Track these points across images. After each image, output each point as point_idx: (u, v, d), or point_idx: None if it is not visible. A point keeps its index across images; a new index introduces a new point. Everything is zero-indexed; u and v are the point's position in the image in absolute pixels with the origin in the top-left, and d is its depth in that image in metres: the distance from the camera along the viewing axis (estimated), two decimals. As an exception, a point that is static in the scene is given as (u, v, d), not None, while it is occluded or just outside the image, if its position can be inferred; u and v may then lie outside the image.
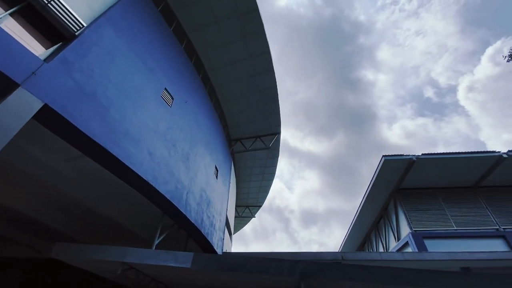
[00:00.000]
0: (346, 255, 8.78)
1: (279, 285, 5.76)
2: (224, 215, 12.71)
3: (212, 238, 9.86)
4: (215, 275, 5.60)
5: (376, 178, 12.72)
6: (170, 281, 7.15)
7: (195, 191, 8.70)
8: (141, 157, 6.17)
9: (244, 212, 22.84)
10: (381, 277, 4.77)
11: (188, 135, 8.92)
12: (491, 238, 11.27)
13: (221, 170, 12.25)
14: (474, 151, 11.60)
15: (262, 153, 16.29)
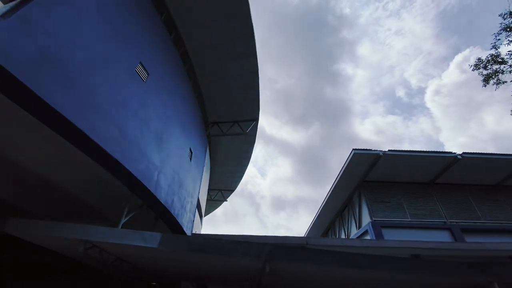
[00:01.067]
0: (310, 240, 9.26)
1: (246, 266, 5.95)
2: (196, 197, 12.66)
3: (182, 219, 9.82)
4: (183, 255, 5.63)
5: (345, 170, 13.36)
6: (136, 260, 7.06)
7: (167, 172, 8.51)
8: (110, 133, 5.84)
9: (216, 196, 22.94)
10: (340, 261, 5.12)
11: (163, 114, 8.58)
12: (439, 230, 12.53)
13: (195, 152, 12.05)
14: (434, 151, 12.59)
15: (239, 138, 16.25)
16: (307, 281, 7.25)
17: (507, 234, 12.53)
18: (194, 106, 12.27)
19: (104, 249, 6.13)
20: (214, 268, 6.70)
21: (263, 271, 5.40)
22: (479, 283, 5.34)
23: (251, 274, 6.60)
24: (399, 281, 6.12)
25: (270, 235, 9.35)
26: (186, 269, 7.26)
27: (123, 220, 7.47)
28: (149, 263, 7.21)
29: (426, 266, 5.55)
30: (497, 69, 10.20)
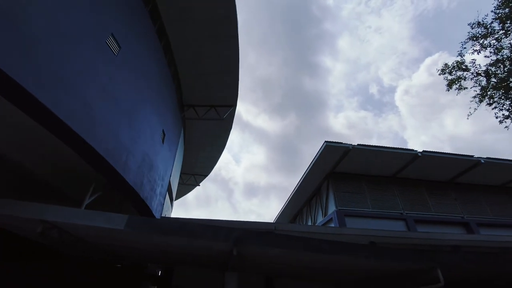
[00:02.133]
0: (279, 226, 9.61)
1: (214, 249, 6.05)
2: (167, 181, 12.41)
3: (151, 202, 9.62)
4: (151, 238, 5.56)
5: (316, 161, 13.88)
6: (100, 242, 6.84)
7: (136, 153, 8.19)
8: (74, 108, 5.43)
9: (189, 180, 22.68)
10: (304, 245, 5.41)
11: (134, 92, 8.14)
12: (396, 220, 13.67)
13: (168, 134, 11.69)
14: (398, 148, 13.50)
15: (215, 123, 16.01)
16: (274, 263, 7.58)
17: (453, 226, 14.04)
18: (169, 86, 11.78)
19: (65, 230, 5.84)
20: (182, 251, 6.73)
21: (230, 254, 5.54)
22: (426, 268, 5.99)
23: (219, 257, 6.74)
24: (357, 265, 6.64)
25: (239, 220, 9.53)
26: (153, 251, 7.20)
27: (87, 201, 7.14)
28: (114, 245, 7.03)
29: (381, 252, 6.07)
30: (460, 76, 11.05)
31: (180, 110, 14.44)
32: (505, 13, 9.36)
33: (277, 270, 9.37)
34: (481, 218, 14.55)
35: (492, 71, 10.35)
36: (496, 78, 10.30)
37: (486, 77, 10.49)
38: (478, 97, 10.66)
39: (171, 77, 11.98)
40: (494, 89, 10.26)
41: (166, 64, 11.21)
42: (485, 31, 10.03)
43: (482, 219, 14.54)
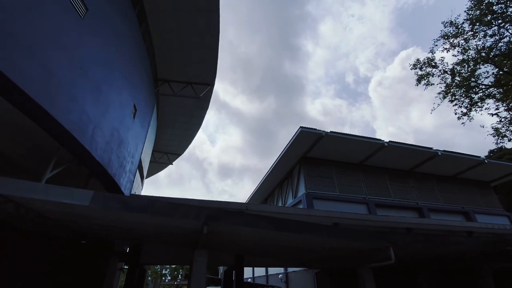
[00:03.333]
0: (250, 206, 9.88)
1: (184, 228, 6.10)
2: (137, 158, 11.99)
3: (120, 179, 9.29)
4: (119, 215, 5.44)
5: (290, 145, 14.21)
6: (62, 218, 6.55)
7: (104, 128, 7.75)
8: (34, 74, 4.92)
9: (161, 158, 22.10)
10: (273, 225, 5.66)
11: (103, 60, 7.54)
12: (359, 204, 14.69)
13: (140, 110, 11.14)
14: (367, 137, 14.23)
15: (191, 101, 15.51)
16: (244, 242, 7.86)
17: (408, 210, 15.45)
18: (143, 58, 11.06)
19: (22, 204, 5.49)
20: (151, 228, 6.70)
21: (200, 232, 5.63)
22: (381, 247, 6.61)
23: (189, 235, 6.83)
24: (321, 243, 7.13)
25: (211, 200, 9.62)
26: (121, 228, 7.08)
27: (47, 175, 6.71)
28: (78, 221, 6.79)
29: (343, 232, 6.56)
30: (429, 72, 11.68)
31: (154, 85, 13.73)
32: (475, 15, 9.90)
33: (247, 248, 9.76)
34: (433, 204, 16.16)
35: (457, 70, 11.08)
36: (460, 77, 11.07)
37: (451, 75, 11.22)
38: (442, 93, 11.42)
39: (145, 48, 11.22)
40: (457, 87, 11.06)
41: (140, 34, 10.43)
42: (456, 30, 10.58)
43: (434, 205, 16.16)
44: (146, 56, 11.39)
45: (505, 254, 7.72)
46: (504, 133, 10.63)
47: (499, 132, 10.69)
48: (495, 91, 10.49)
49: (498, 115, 10.63)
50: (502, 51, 9.95)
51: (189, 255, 8.88)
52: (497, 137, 10.81)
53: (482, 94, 10.79)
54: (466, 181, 18.22)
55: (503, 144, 11.35)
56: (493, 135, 10.88)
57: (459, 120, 11.13)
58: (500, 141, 10.92)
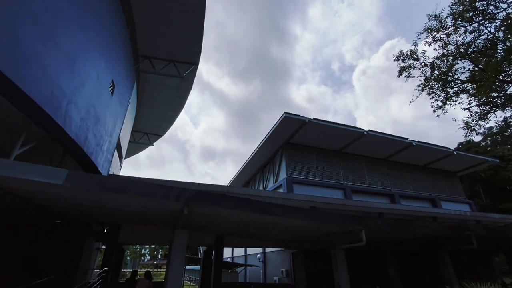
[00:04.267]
0: (231, 189, 9.96)
1: (164, 208, 6.07)
2: (115, 137, 11.55)
3: (96, 158, 8.95)
4: (96, 195, 5.28)
5: (274, 130, 14.29)
6: (34, 197, 6.26)
7: (79, 103, 7.31)
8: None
9: (141, 139, 21.45)
10: (253, 207, 5.77)
11: (78, 30, 6.98)
12: (337, 189, 15.29)
13: (119, 86, 10.59)
14: (348, 125, 14.59)
15: (174, 81, 14.94)
16: (224, 222, 7.99)
17: (382, 196, 16.33)
18: (122, 31, 10.37)
19: (-12, 182, 5.15)
20: (130, 208, 6.60)
21: (181, 213, 5.64)
22: (354, 230, 6.99)
23: (169, 216, 6.82)
24: (298, 226, 7.41)
25: (193, 182, 9.57)
26: (98, 208, 6.91)
27: (16, 152, 6.31)
28: (50, 200, 6.52)
29: (319, 216, 6.84)
30: (411, 64, 11.97)
31: (134, 61, 13.02)
32: (458, 10, 10.14)
33: (227, 229, 9.95)
34: (404, 191, 17.19)
35: (437, 64, 11.45)
36: (439, 71, 11.47)
37: (431, 69, 11.59)
38: (421, 86, 11.82)
39: (124, 20, 10.49)
40: (435, 81, 11.48)
41: (118, 4, 9.70)
42: (439, 24, 10.82)
43: (405, 192, 17.19)
44: (125, 29, 10.69)
45: (464, 238, 8.47)
46: (473, 127, 11.30)
47: (469, 125, 11.36)
48: (469, 87, 11.02)
49: (469, 109, 11.24)
50: (479, 48, 10.37)
51: (169, 235, 8.92)
52: (466, 131, 11.49)
53: (457, 89, 11.30)
54: (435, 171, 19.44)
55: (472, 137, 12.11)
56: (463, 129, 11.55)
57: (434, 112, 11.65)
58: (469, 135, 11.63)
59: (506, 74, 10.05)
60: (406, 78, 11.98)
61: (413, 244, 10.72)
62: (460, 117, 67.03)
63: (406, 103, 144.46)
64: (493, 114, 10.90)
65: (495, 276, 15.99)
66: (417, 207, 13.94)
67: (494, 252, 16.67)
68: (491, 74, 9.45)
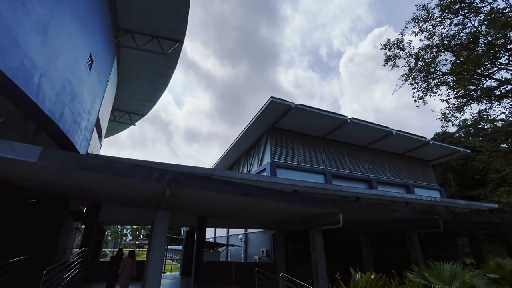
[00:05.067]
0: (215, 171, 9.98)
1: (146, 189, 6.00)
2: (94, 115, 11.05)
3: (74, 136, 8.56)
4: (74, 174, 5.10)
5: (260, 115, 14.23)
6: (5, 174, 5.95)
7: (54, 77, 6.86)
8: (-46, -1, 4.00)
9: (122, 118, 20.65)
10: (237, 190, 5.83)
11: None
12: (318, 174, 15.73)
13: (98, 61, 9.99)
14: (332, 112, 14.79)
15: (157, 58, 14.26)
16: (207, 204, 8.05)
17: (360, 182, 17.01)
18: (100, 0, 9.63)
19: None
20: (110, 189, 6.46)
21: (163, 195, 5.60)
22: (332, 212, 7.30)
23: (151, 197, 6.77)
24: (280, 208, 7.62)
25: (176, 164, 9.48)
26: (77, 187, 6.71)
27: (-16, 126, 5.90)
28: (25, 179, 6.24)
29: (300, 199, 7.06)
30: (397, 54, 12.12)
31: (115, 34, 12.23)
32: (446, 2, 10.23)
33: (210, 211, 10.06)
34: (381, 178, 18.00)
35: (421, 55, 11.66)
36: (422, 62, 11.71)
37: (415, 59, 11.80)
38: (405, 76, 12.07)
39: (103, -12, 9.71)
40: (418, 72, 11.74)
41: (96, -31, 8.92)
42: (427, 15, 10.91)
43: (382, 178, 18.00)
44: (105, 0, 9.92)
45: (432, 221, 9.11)
46: (449, 118, 11.83)
47: (446, 117, 11.87)
48: (449, 79, 11.39)
49: (448, 101, 11.69)
50: (462, 41, 10.63)
51: (151, 216, 8.91)
52: (443, 121, 12.02)
53: (438, 81, 11.65)
54: (411, 159, 20.41)
55: (447, 128, 12.70)
56: (441, 119, 12.05)
57: (415, 103, 12.02)
58: (445, 125, 12.18)
59: (485, 68, 10.45)
60: (391, 67, 12.16)
61: (385, 226, 11.39)
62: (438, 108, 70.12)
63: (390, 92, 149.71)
64: (469, 106, 11.42)
65: (458, 257, 17.53)
66: (392, 193, 14.72)
67: (458, 235, 18.15)
68: (471, 68, 9.78)
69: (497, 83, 10.83)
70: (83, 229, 11.02)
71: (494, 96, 10.99)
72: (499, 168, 19.96)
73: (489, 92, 11.01)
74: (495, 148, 24.67)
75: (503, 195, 31.32)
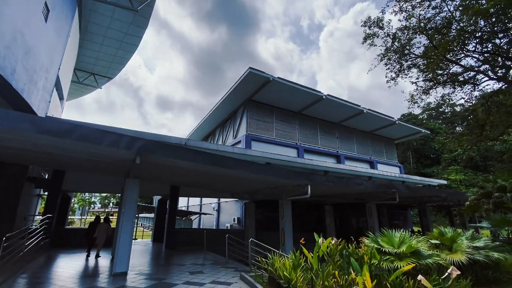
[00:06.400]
0: (190, 142, 9.80)
1: (114, 157, 5.75)
2: (54, 74, 9.98)
3: (30, 97, 7.73)
4: (31, 138, 4.68)
5: (238, 85, 13.89)
6: None
7: (2, 27, 5.95)
8: None
9: (87, 79, 18.92)
10: (211, 160, 5.82)
11: None
12: (291, 148, 16.17)
13: (55, 11, 8.78)
14: (310, 87, 14.86)
15: (126, 14, 12.87)
16: (181, 174, 8.00)
17: (330, 157, 17.86)
18: None
19: None
20: (75, 155, 6.09)
21: (133, 163, 5.42)
22: (301, 184, 7.66)
23: (120, 164, 6.54)
24: (253, 179, 7.82)
25: (148, 132, 9.10)
26: (36, 153, 6.23)
27: None
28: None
29: (272, 171, 7.28)
30: (375, 33, 12.19)
31: (75, -18, 10.68)
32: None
33: (183, 180, 10.03)
34: (349, 154, 19.03)
35: (398, 36, 11.87)
36: (399, 43, 11.96)
37: (392, 40, 12.00)
38: (380, 56, 12.32)
39: None
40: (394, 52, 12.02)
41: None
42: (408, -6, 10.92)
43: (349, 154, 19.05)
44: None
45: (390, 194, 10.03)
46: (416, 100, 12.54)
47: (413, 98, 12.55)
48: (420, 62, 11.86)
49: (416, 83, 12.29)
50: (437, 25, 10.93)
51: (120, 184, 8.69)
52: (410, 103, 12.73)
53: (410, 63, 12.09)
54: (377, 137, 21.68)
55: (413, 109, 13.56)
56: (408, 101, 12.74)
57: (387, 83, 12.47)
58: (411, 107, 12.93)
59: (453, 53, 10.97)
60: (369, 46, 12.28)
61: (348, 197, 12.32)
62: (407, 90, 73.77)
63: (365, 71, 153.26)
64: (435, 90, 12.14)
65: (408, 226, 19.77)
66: (358, 167, 15.73)
67: (410, 206, 20.28)
68: (441, 52, 10.21)
69: (462, 69, 11.52)
70: (46, 196, 10.48)
71: (457, 81, 11.74)
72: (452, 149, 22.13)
73: (454, 77, 11.72)
74: (451, 130, 27.07)
75: (452, 172, 35.12)
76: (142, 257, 9.52)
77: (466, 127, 15.07)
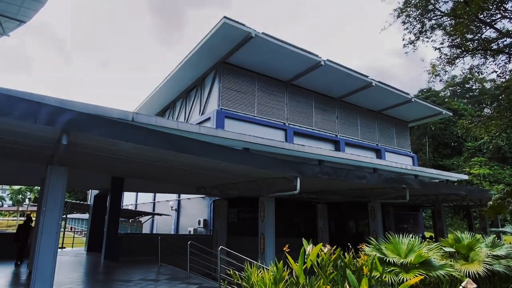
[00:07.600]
0: (139, 117, 9.51)
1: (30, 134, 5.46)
2: None
3: None
4: None
5: (207, 41, 13.47)
6: None
7: None
8: None
9: (-13, 22, 17.38)
10: (168, 143, 5.71)
11: None
12: (277, 129, 16.32)
13: None
14: (304, 49, 14.77)
15: None
16: (126, 160, 7.81)
17: (326, 142, 18.31)
18: None
19: None
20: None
21: (58, 143, 5.18)
22: (288, 176, 7.81)
23: (39, 145, 6.25)
24: (225, 169, 7.83)
25: (79, 102, 8.63)
26: None
27: None
28: None
29: (251, 159, 7.32)
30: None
31: None
32: None
33: (130, 169, 9.81)
34: (350, 139, 19.61)
35: (422, -16, 12.08)
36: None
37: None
38: (398, 10, 12.51)
39: None
40: (415, 7, 12.25)
41: None
42: None
43: (351, 139, 19.63)
44: None
45: (398, 191, 10.54)
46: (438, 72, 13.03)
47: (435, 69, 13.03)
48: (447, 22, 12.20)
49: (440, 50, 12.71)
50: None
51: (40, 173, 8.31)
52: (431, 75, 13.21)
53: (434, 22, 12.41)
54: (387, 118, 22.46)
55: (434, 84, 14.09)
56: (429, 72, 13.21)
57: (404, 48, 12.77)
58: (432, 80, 13.45)
59: (488, 14, 11.37)
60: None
61: (347, 194, 12.82)
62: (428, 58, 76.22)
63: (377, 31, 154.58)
64: (462, 59, 12.63)
65: (419, 230, 21.13)
66: (360, 157, 16.30)
67: (423, 207, 21.60)
68: (474, 10, 10.53)
69: (497, 34, 12.02)
70: None
71: (490, 50, 12.28)
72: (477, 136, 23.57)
73: (486, 44, 12.22)
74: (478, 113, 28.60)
75: (475, 165, 37.61)
76: (73, 271, 9.40)
77: (496, 109, 16.01)
